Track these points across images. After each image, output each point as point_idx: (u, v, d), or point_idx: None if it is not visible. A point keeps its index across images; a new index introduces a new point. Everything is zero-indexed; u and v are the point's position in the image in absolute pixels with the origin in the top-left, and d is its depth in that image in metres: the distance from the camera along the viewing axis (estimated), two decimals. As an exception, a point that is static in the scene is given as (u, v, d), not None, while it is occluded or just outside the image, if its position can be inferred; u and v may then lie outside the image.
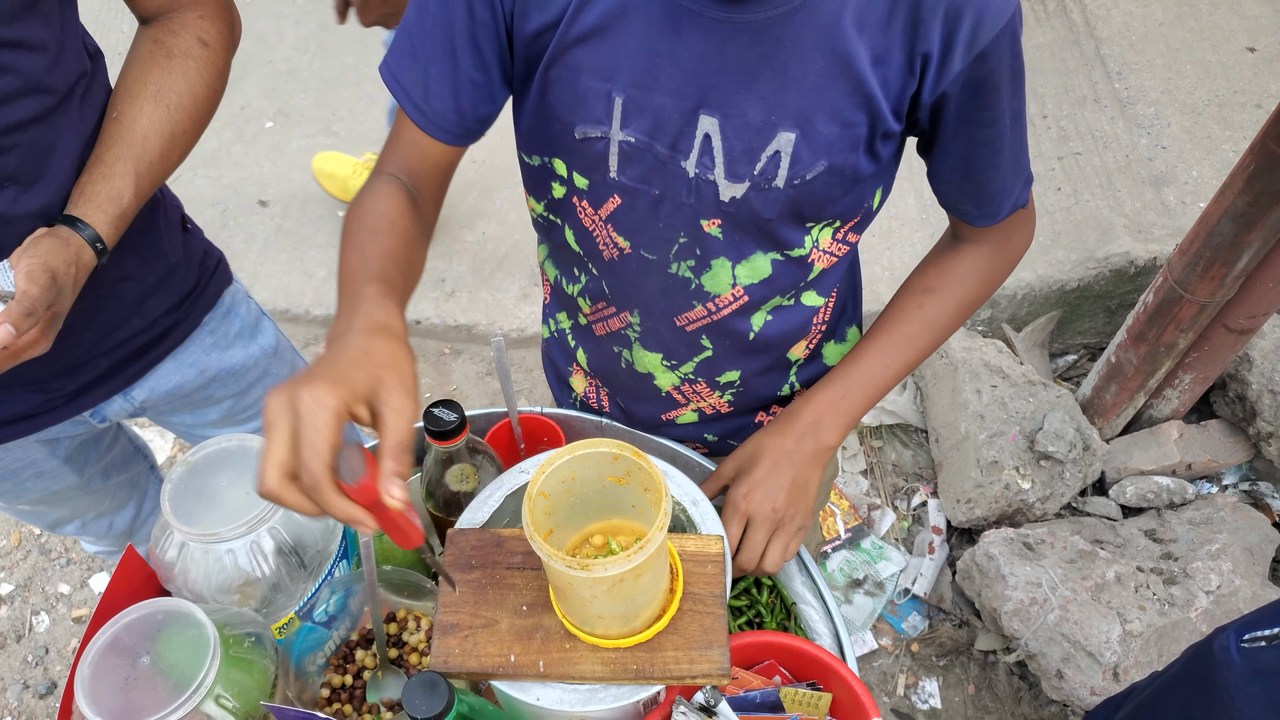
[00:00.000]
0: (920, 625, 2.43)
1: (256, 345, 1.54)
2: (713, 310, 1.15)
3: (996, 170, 1.05)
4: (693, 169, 1.00)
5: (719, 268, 1.09)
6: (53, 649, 2.49)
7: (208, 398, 1.51)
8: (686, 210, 1.04)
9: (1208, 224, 1.95)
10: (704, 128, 0.97)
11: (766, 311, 1.16)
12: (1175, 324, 2.15)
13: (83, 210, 1.14)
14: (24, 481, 1.47)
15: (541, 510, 0.91)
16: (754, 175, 0.99)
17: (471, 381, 3.02)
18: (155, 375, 1.42)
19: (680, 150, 0.99)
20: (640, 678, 0.93)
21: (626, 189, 1.05)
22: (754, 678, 1.04)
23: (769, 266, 1.10)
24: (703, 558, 1.00)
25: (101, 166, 1.16)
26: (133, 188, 1.17)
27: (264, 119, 3.60)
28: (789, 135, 0.96)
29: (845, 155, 0.98)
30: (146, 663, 0.91)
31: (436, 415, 1.10)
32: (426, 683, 0.84)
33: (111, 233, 1.16)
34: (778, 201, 1.01)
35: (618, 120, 0.99)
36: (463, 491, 1.17)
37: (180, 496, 1.01)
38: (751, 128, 0.96)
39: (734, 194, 1.01)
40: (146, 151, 1.19)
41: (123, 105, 1.19)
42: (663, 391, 1.28)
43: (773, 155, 0.97)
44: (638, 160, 1.02)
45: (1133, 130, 2.90)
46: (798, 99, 0.94)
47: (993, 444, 2.39)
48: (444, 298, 3.06)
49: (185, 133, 1.23)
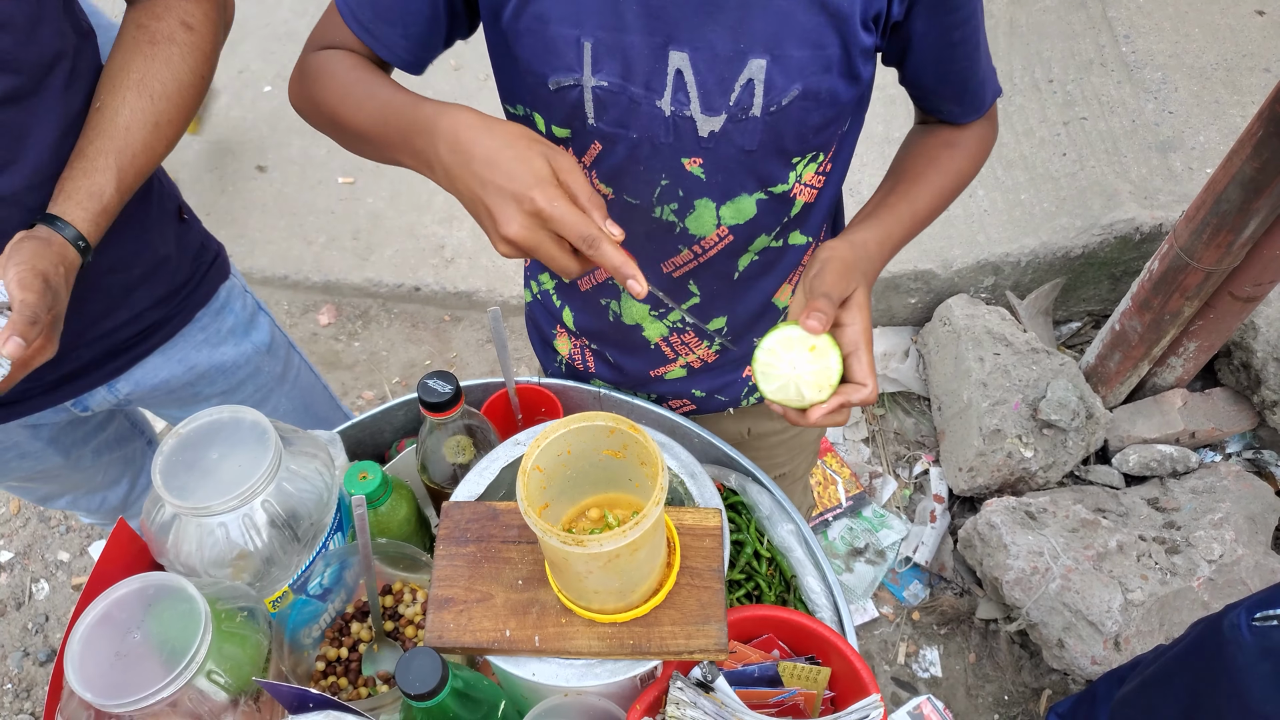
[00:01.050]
0: (921, 594, 2.43)
1: (249, 342, 1.52)
2: (698, 253, 1.14)
3: (975, 65, 1.08)
4: (668, 107, 0.99)
5: (702, 209, 1.09)
6: (53, 616, 2.50)
7: (195, 394, 1.49)
8: (666, 150, 1.03)
9: (1215, 190, 1.92)
10: (675, 63, 0.97)
11: (754, 253, 1.16)
12: (1180, 291, 2.12)
13: (63, 208, 1.11)
14: (9, 461, 1.46)
15: (536, 485, 0.89)
16: (729, 106, 0.98)
17: (472, 349, 3.00)
18: (141, 369, 1.40)
19: (654, 89, 0.99)
20: (637, 653, 0.92)
21: (605, 135, 1.04)
22: (752, 652, 1.03)
23: (754, 207, 1.09)
24: (700, 531, 0.99)
25: (83, 161, 1.14)
26: (114, 182, 1.15)
27: (262, 83, 3.55)
28: (760, 62, 0.95)
29: (819, 78, 0.97)
30: (137, 638, 0.89)
31: (431, 387, 1.09)
32: (421, 659, 0.83)
33: (94, 230, 1.13)
34: (757, 131, 1.00)
35: (589, 66, 0.98)
36: (458, 463, 1.15)
37: (172, 469, 1.00)
38: (721, 58, 0.95)
39: (712, 128, 1.00)
40: (129, 144, 1.16)
41: (105, 95, 1.16)
42: (651, 343, 1.27)
43: (746, 84, 0.97)
44: (613, 104, 1.01)
45: (1139, 95, 2.85)
46: (764, 24, 0.93)
47: (995, 412, 2.37)
48: (443, 264, 3.04)
49: (171, 122, 1.20)
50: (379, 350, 3.01)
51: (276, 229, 3.16)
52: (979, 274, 2.65)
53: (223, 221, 3.17)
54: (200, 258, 1.42)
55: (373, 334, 3.05)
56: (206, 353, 1.45)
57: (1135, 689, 1.66)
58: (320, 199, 3.21)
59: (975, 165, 1.18)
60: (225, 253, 1.48)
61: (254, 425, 1.03)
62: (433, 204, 3.15)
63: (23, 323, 1.03)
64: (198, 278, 1.41)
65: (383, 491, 1.10)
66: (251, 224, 3.16)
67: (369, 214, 3.15)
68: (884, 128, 2.87)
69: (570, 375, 1.43)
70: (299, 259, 3.10)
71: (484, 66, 3.42)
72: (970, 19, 1.02)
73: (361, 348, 3.02)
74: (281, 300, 3.12)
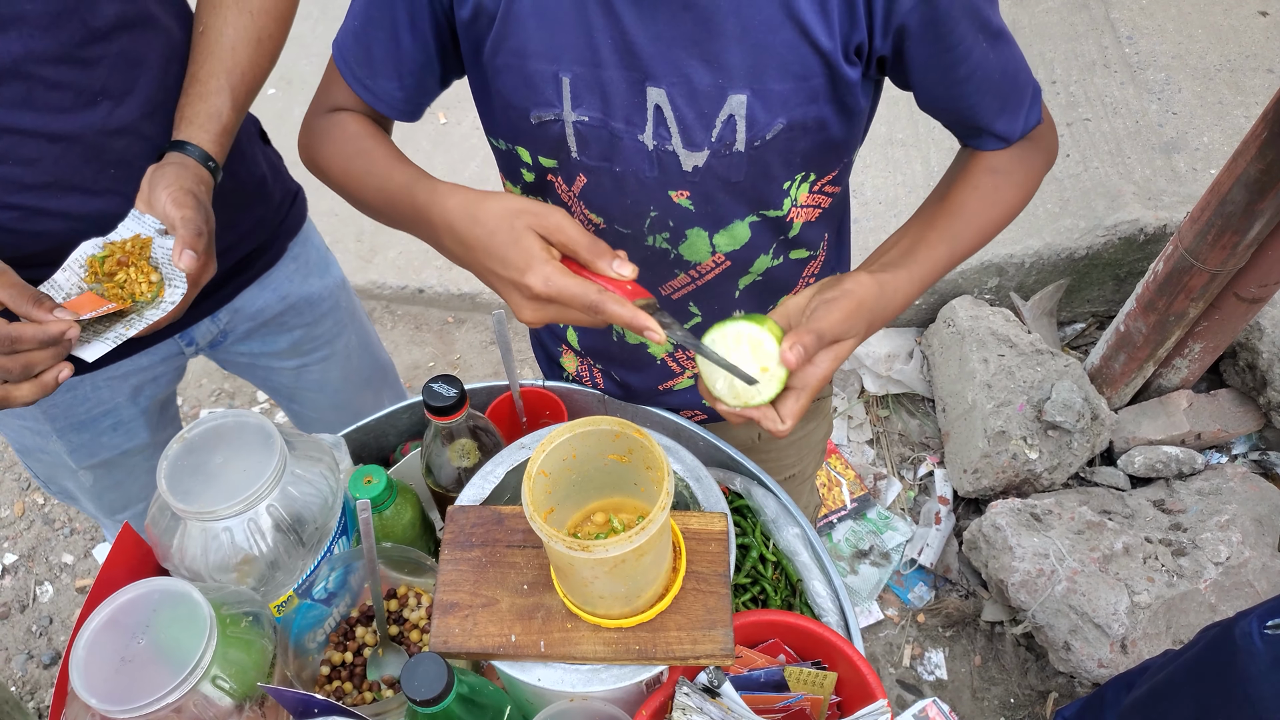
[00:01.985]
0: (926, 596, 2.43)
1: (331, 276, 1.57)
2: (695, 277, 1.14)
3: (991, 97, 1.01)
4: (650, 141, 0.99)
5: (695, 238, 1.08)
6: (57, 619, 2.50)
7: (282, 324, 1.52)
8: (651, 183, 1.03)
9: (1219, 192, 1.91)
10: (653, 99, 0.96)
11: (755, 274, 1.15)
12: (1185, 293, 2.12)
13: (187, 133, 1.15)
14: (101, 434, 1.45)
15: (542, 489, 0.89)
16: (712, 142, 0.97)
17: (475, 351, 3.00)
18: (242, 299, 1.44)
19: (635, 125, 0.98)
20: (643, 658, 0.92)
21: (589, 168, 1.04)
22: (758, 656, 1.03)
23: (747, 231, 1.08)
24: (706, 536, 0.99)
25: (196, 85, 1.17)
26: (230, 103, 1.19)
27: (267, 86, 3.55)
28: (740, 97, 0.94)
29: (805, 108, 0.95)
30: (142, 643, 0.89)
31: (436, 391, 1.08)
32: (425, 664, 0.83)
33: (219, 150, 1.18)
34: (742, 165, 0.99)
35: (568, 101, 0.98)
36: (463, 467, 1.15)
37: (177, 474, 1.00)
38: (700, 94, 0.94)
39: (695, 163, 0.99)
40: (237, 63, 1.19)
41: (207, 17, 1.19)
42: (657, 360, 1.27)
43: (727, 119, 0.95)
44: (595, 139, 1.00)
45: (1143, 96, 2.85)
46: (742, 58, 0.92)
47: (1000, 413, 2.37)
48: (447, 266, 3.03)
49: (272, 36, 1.23)
50: (382, 353, 3.01)
51: (280, 231, 3.16)
52: (983, 275, 2.65)
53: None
54: (287, 185, 1.46)
55: (376, 336, 3.05)
56: (298, 283, 1.50)
57: (1144, 696, 1.65)
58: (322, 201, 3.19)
59: (1024, 195, 1.09)
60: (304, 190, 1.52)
61: (259, 429, 1.03)
62: (436, 206, 3.15)
63: (190, 235, 1.09)
64: (287, 205, 1.45)
65: (387, 495, 1.10)
66: (255, 226, 3.17)
67: (372, 216, 3.15)
68: (886, 129, 2.86)
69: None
70: (302, 261, 3.10)
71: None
72: (971, 55, 0.95)
73: (365, 350, 3.02)
74: (285, 303, 3.12)
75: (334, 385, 1.70)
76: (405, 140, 3.28)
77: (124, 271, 1.10)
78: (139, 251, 1.11)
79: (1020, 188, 1.08)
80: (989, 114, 1.02)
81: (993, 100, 1.01)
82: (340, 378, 1.69)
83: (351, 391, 1.74)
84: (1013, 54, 1.00)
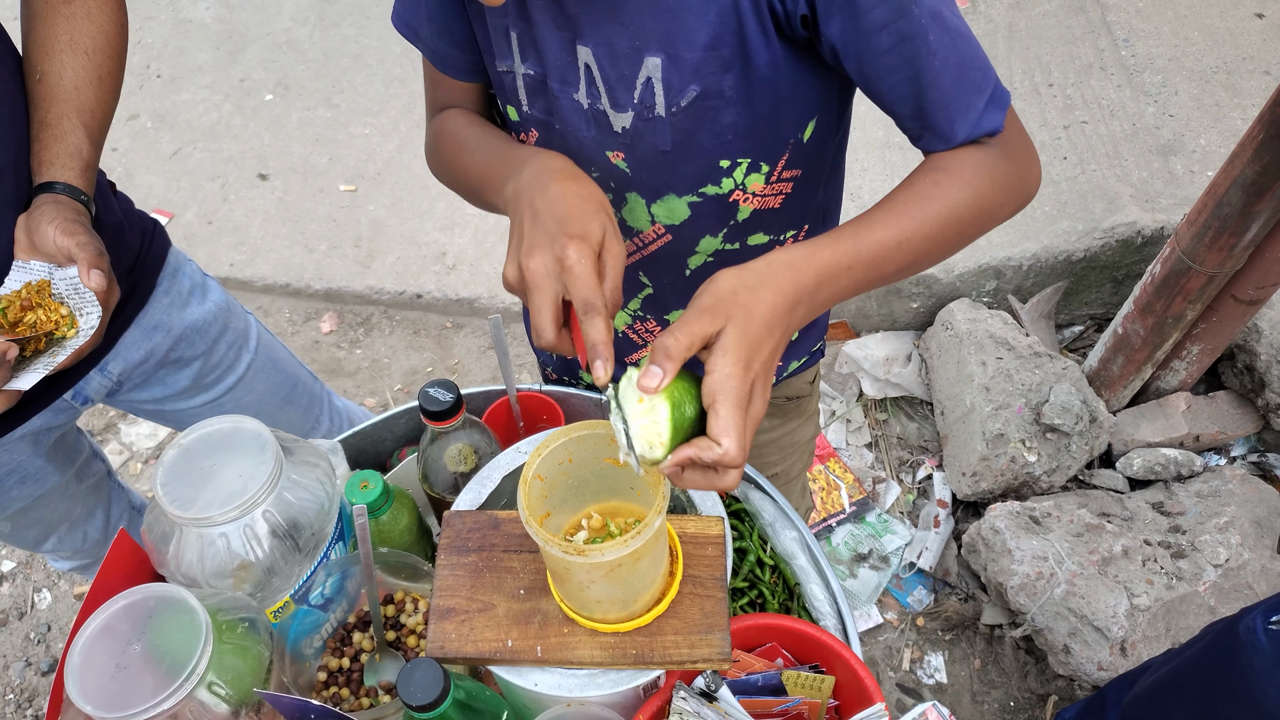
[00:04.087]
0: (926, 599, 2.42)
1: (210, 301, 1.53)
2: (640, 245, 1.15)
3: (930, 86, 0.91)
4: (584, 100, 1.01)
5: (634, 203, 1.10)
6: (55, 626, 2.50)
7: (178, 359, 1.50)
8: (590, 143, 1.05)
9: (1216, 194, 1.91)
10: (582, 58, 0.98)
11: (705, 254, 1.15)
12: (1183, 295, 2.12)
13: (51, 174, 1.15)
14: (9, 489, 1.45)
15: (538, 494, 0.89)
16: (634, 104, 0.99)
17: (473, 356, 3.00)
18: (124, 345, 1.41)
19: (569, 83, 1.01)
20: (640, 662, 0.91)
21: (538, 121, 1.08)
22: (756, 660, 1.02)
23: (686, 208, 1.09)
24: (703, 539, 0.99)
25: (48, 129, 1.16)
26: (86, 139, 1.18)
27: (264, 91, 3.56)
28: (655, 60, 0.95)
29: (718, 77, 0.95)
30: (138, 650, 0.89)
31: (433, 396, 1.08)
32: (422, 670, 0.82)
33: (86, 184, 1.17)
34: (666, 130, 1.00)
35: (517, 54, 1.02)
36: (460, 472, 1.15)
37: (172, 480, 1.00)
38: (621, 55, 0.96)
39: (623, 124, 1.01)
40: (84, 102, 1.19)
41: (42, 64, 1.18)
42: (618, 331, 1.28)
43: (645, 82, 0.97)
44: (540, 93, 1.04)
45: (1139, 98, 2.85)
46: (655, 22, 0.93)
47: (998, 416, 2.37)
48: (445, 271, 3.03)
49: (112, 74, 1.23)
50: (381, 358, 3.01)
51: (278, 236, 3.16)
52: (981, 278, 2.65)
53: (224, 229, 3.17)
54: (144, 227, 1.43)
55: (374, 341, 3.05)
56: (177, 314, 1.46)
57: (1146, 692, 1.65)
58: (322, 206, 3.21)
59: (977, 197, 0.95)
60: (162, 225, 1.50)
61: (255, 435, 1.03)
62: (434, 211, 3.15)
63: (93, 256, 1.09)
64: (147, 244, 1.42)
65: (384, 500, 1.10)
66: (253, 231, 3.17)
67: (370, 221, 3.15)
68: (884, 133, 2.87)
69: (562, 368, 1.47)
70: (300, 267, 3.10)
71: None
72: (893, 24, 0.88)
73: (363, 355, 3.02)
74: (283, 308, 3.12)
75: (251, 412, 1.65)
76: (402, 146, 3.30)
77: (31, 314, 1.11)
78: (40, 293, 1.12)
79: (968, 186, 0.94)
80: (928, 104, 0.93)
81: (932, 90, 0.92)
82: (255, 403, 1.65)
83: (273, 413, 1.69)
84: (961, 45, 0.92)
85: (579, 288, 0.84)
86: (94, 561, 1.79)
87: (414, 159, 3.28)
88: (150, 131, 3.49)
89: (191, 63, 3.70)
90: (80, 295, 1.13)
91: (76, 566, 1.84)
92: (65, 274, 1.13)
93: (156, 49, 3.76)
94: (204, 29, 3.81)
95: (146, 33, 3.81)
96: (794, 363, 1.37)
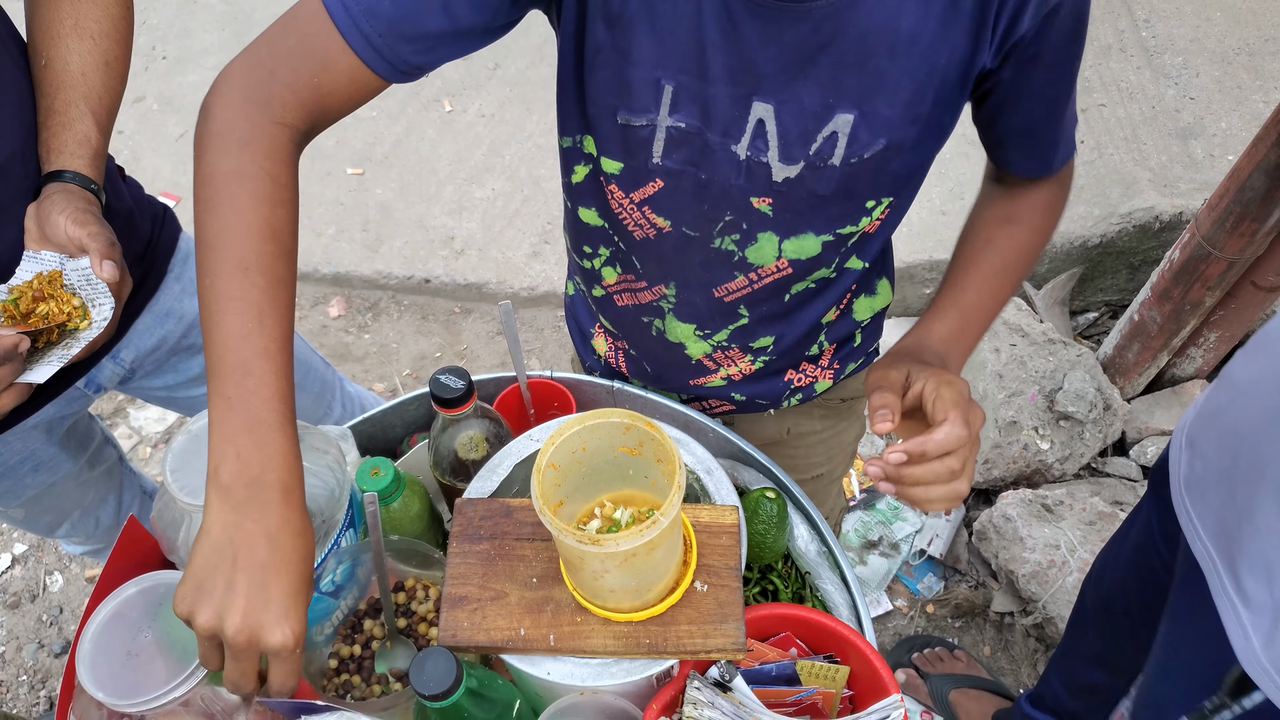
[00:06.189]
0: (936, 586, 2.41)
1: None
2: (754, 280, 1.11)
3: (1059, 122, 1.03)
4: (744, 152, 0.96)
5: (765, 241, 1.05)
6: (67, 608, 2.50)
7: (190, 346, 1.48)
8: (735, 191, 1.00)
9: (1238, 178, 1.89)
10: (757, 114, 0.93)
11: (810, 281, 1.13)
12: (1202, 281, 2.09)
13: (60, 162, 1.13)
14: (23, 477, 1.45)
15: (551, 482, 0.88)
16: (809, 156, 0.95)
17: (482, 341, 2.99)
18: (136, 332, 1.40)
19: (731, 136, 0.95)
20: (653, 652, 0.90)
21: (671, 172, 1.00)
22: (770, 650, 1.01)
23: (819, 246, 1.06)
24: (717, 529, 0.97)
25: (55, 116, 1.14)
26: (95, 126, 1.16)
27: (270, 74, 3.54)
28: (847, 117, 0.92)
29: (905, 130, 0.94)
30: (149, 637, 0.89)
31: (444, 383, 1.07)
32: (434, 659, 0.82)
33: (96, 173, 1.15)
34: (834, 179, 0.97)
35: (666, 107, 0.94)
36: (471, 460, 1.14)
37: (181, 466, 0.98)
38: (808, 112, 0.92)
39: (788, 175, 0.97)
40: (91, 89, 1.17)
41: (47, 50, 1.16)
42: (693, 360, 1.25)
43: (829, 136, 0.93)
44: (686, 145, 0.97)
45: (1159, 80, 2.82)
46: (857, 82, 0.90)
47: (1011, 403, 2.35)
48: (453, 256, 3.02)
49: (118, 59, 1.21)
50: (389, 343, 3.00)
51: (287, 220, 3.15)
52: (995, 264, 2.63)
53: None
54: (154, 210, 1.41)
55: (383, 326, 3.04)
56: (189, 301, 1.45)
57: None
58: (329, 190, 3.20)
59: (1040, 236, 1.12)
60: (172, 210, 1.48)
61: (264, 421, 1.02)
62: (441, 195, 3.13)
63: (105, 246, 1.08)
64: (158, 229, 1.41)
65: (395, 488, 1.09)
66: (262, 215, 3.15)
67: (378, 205, 3.14)
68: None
69: (607, 374, 1.40)
70: (308, 251, 3.08)
71: (493, 56, 3.40)
72: (1064, 79, 0.98)
73: (371, 340, 3.01)
74: (292, 292, 3.11)
75: None
76: (410, 129, 3.28)
77: (43, 306, 1.10)
78: (51, 284, 1.11)
79: (1041, 232, 1.12)
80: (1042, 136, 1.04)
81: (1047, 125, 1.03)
82: None
83: None
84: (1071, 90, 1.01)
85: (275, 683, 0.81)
86: (107, 546, 1.80)
87: (421, 142, 3.27)
88: (156, 114, 3.48)
89: (198, 44, 3.68)
90: (93, 286, 1.12)
91: (89, 551, 1.84)
92: (77, 264, 1.12)
93: (161, 30, 3.74)
94: (209, 9, 3.79)
95: (151, 14, 3.79)
96: (851, 364, 1.34)
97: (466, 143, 3.24)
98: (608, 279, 1.21)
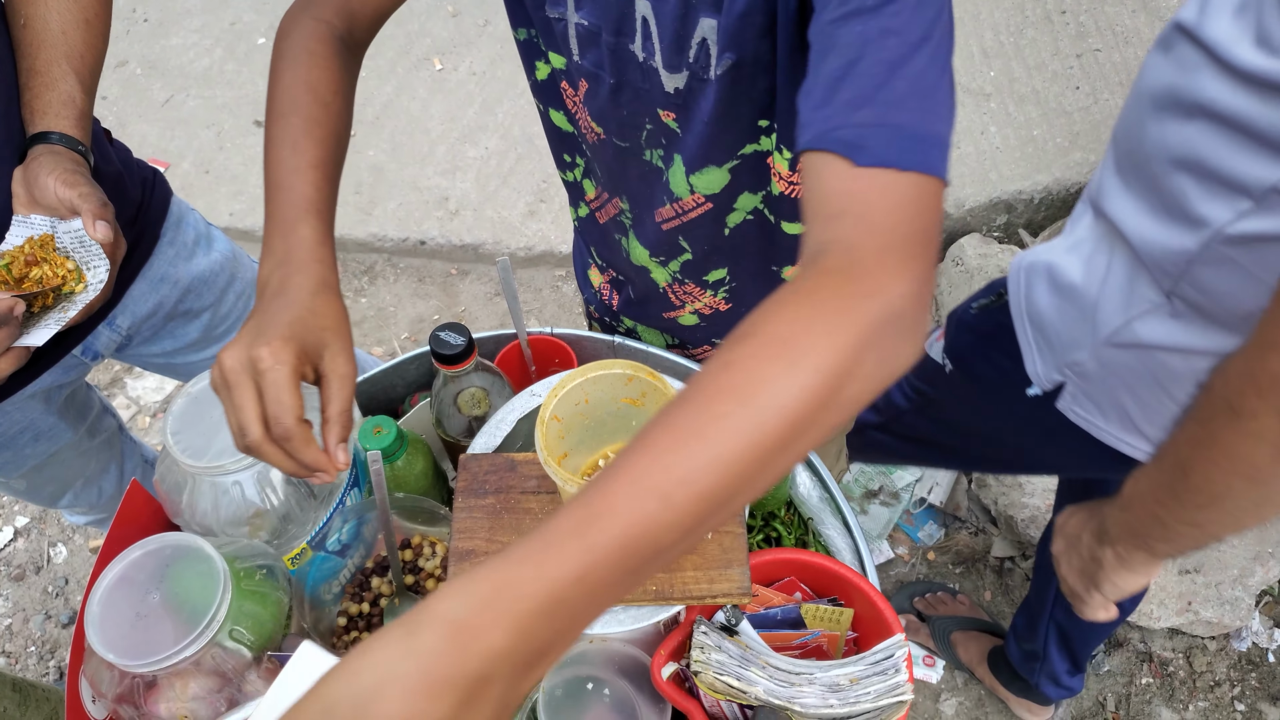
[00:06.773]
0: (937, 534, 2.43)
1: (216, 251, 1.51)
2: (680, 211, 1.12)
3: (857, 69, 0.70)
4: (640, 53, 0.96)
5: (678, 168, 1.06)
6: (72, 579, 2.52)
7: (186, 311, 1.48)
8: (644, 96, 1.00)
9: (1235, 118, 1.87)
10: (640, 10, 0.93)
11: (745, 212, 1.11)
12: (1198, 223, 2.09)
13: (45, 124, 1.12)
14: (23, 447, 1.44)
15: (555, 434, 0.88)
16: (689, 64, 0.94)
17: (480, 302, 2.98)
18: (131, 298, 1.38)
19: (625, 34, 0.96)
20: (660, 598, 0.91)
21: (588, 73, 1.03)
22: (775, 595, 1.02)
23: (726, 175, 1.05)
24: (721, 477, 0.98)
25: (38, 77, 1.13)
26: (79, 86, 1.15)
27: (256, 35, 3.49)
28: (710, 21, 0.89)
29: (754, 44, 0.89)
30: (156, 599, 0.89)
31: (444, 339, 1.07)
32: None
33: (83, 133, 1.13)
34: (715, 95, 0.95)
35: (572, 3, 0.97)
36: (474, 416, 1.14)
37: (182, 429, 0.99)
38: (677, 13, 0.91)
39: (677, 85, 0.96)
40: (73, 47, 1.15)
41: (25, 9, 1.14)
42: (659, 287, 1.26)
43: (700, 43, 0.92)
44: (592, 44, 0.99)
45: (1155, 24, 2.79)
46: None
47: (1009, 351, 2.35)
48: (448, 216, 3.00)
49: (99, 16, 1.19)
50: (386, 306, 2.99)
51: (278, 186, 3.12)
52: (991, 213, 2.62)
53: (222, 178, 3.13)
54: (143, 174, 1.40)
55: (379, 290, 3.03)
56: (183, 266, 1.44)
57: None
58: (321, 154, 3.17)
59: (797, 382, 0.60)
60: (162, 174, 1.47)
61: (265, 382, 1.02)
62: (434, 155, 3.11)
63: (97, 206, 1.06)
64: (149, 193, 1.39)
65: (398, 446, 1.09)
66: (252, 180, 3.13)
67: (370, 167, 3.11)
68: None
69: (602, 310, 1.43)
70: (302, 215, 3.06)
71: (482, 13, 3.36)
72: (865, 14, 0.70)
73: (368, 304, 3.00)
74: (286, 258, 3.09)
75: None
76: (400, 89, 3.24)
77: (36, 269, 1.08)
78: (44, 248, 1.09)
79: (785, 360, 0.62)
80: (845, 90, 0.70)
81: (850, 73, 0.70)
82: None
83: None
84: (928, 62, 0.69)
85: (269, 400, 0.78)
86: (109, 515, 1.80)
87: (412, 101, 3.23)
88: (140, 79, 3.43)
89: (180, 5, 3.63)
90: (86, 248, 1.11)
91: (93, 521, 1.85)
92: (69, 227, 1.11)
93: (144, -6, 3.69)
94: (193, -27, 3.74)
95: (133, -23, 3.74)
96: None
97: (458, 101, 3.21)
98: (589, 193, 1.23)
